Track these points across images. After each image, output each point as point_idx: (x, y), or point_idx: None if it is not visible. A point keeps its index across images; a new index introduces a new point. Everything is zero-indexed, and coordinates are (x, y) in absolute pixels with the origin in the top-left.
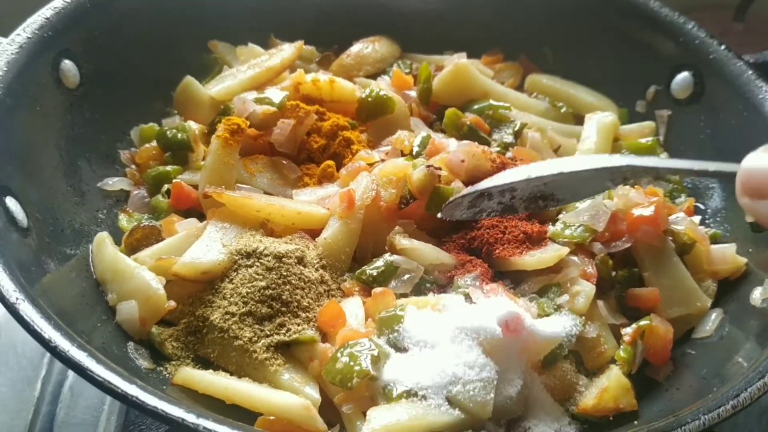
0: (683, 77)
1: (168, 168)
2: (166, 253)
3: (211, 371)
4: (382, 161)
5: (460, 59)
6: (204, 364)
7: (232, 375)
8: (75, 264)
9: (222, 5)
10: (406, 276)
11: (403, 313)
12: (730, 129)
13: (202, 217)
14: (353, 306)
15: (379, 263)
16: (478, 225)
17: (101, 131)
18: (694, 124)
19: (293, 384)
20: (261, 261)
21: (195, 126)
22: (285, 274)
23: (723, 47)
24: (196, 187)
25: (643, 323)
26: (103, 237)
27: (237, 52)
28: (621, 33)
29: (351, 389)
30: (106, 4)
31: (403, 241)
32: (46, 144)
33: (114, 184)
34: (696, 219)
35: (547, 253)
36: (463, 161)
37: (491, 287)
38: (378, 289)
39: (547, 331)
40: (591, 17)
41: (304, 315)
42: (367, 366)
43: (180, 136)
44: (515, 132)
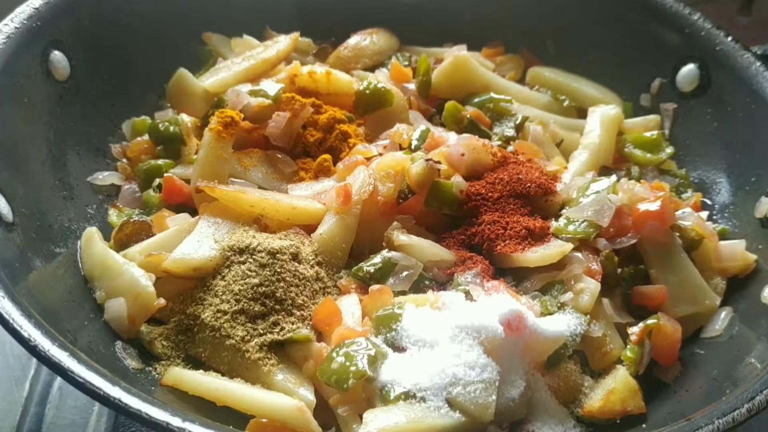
0: (689, 69)
1: (160, 162)
2: (156, 249)
3: (202, 371)
4: (380, 155)
5: (460, 51)
6: (195, 364)
7: (223, 375)
8: (62, 261)
9: None
10: (404, 273)
11: (401, 311)
12: (738, 122)
13: (194, 213)
14: (350, 304)
15: (377, 260)
16: (478, 221)
17: (92, 124)
18: (700, 117)
19: (287, 385)
20: (254, 257)
21: (188, 119)
22: (279, 270)
23: (730, 38)
24: (188, 182)
25: (651, 322)
26: (92, 232)
27: (232, 43)
28: (624, 24)
29: (347, 390)
30: None
31: (402, 237)
32: (34, 137)
33: (104, 178)
34: (703, 214)
35: (551, 250)
36: (464, 155)
37: (492, 284)
38: (375, 287)
39: (551, 330)
40: (594, 8)
41: (298, 313)
42: (364, 366)
43: (172, 129)
44: (517, 125)
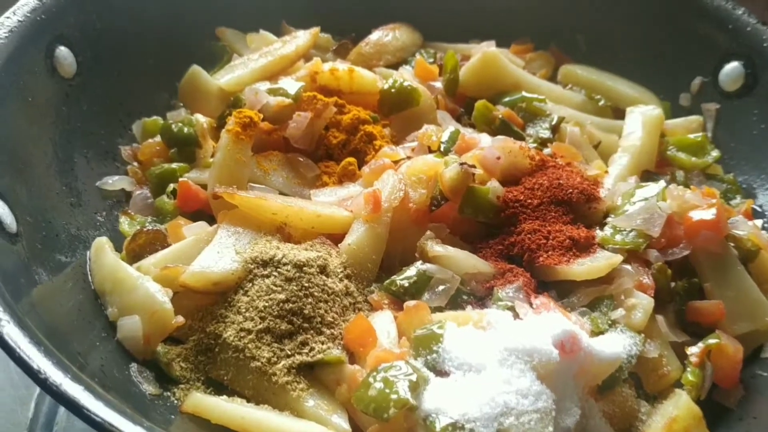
0: (733, 67)
1: (173, 165)
2: (172, 261)
3: (225, 397)
4: (407, 158)
5: (489, 47)
6: (217, 388)
7: (248, 401)
8: (71, 273)
9: None
10: (440, 287)
11: (442, 331)
12: None
13: (211, 220)
14: (384, 321)
15: (411, 272)
16: (517, 229)
17: (100, 125)
18: (745, 118)
19: (319, 412)
20: (279, 270)
21: (203, 119)
22: (306, 285)
23: None
24: (204, 187)
25: (712, 342)
26: (102, 242)
27: (247, 39)
28: (661, 19)
29: (387, 420)
30: None
31: (436, 248)
32: (38, 139)
33: (114, 183)
34: (758, 223)
35: (599, 262)
36: (499, 158)
37: (541, 301)
38: (411, 303)
39: (607, 352)
40: (628, 2)
41: (328, 332)
42: (406, 394)
43: (186, 130)
44: (552, 126)
